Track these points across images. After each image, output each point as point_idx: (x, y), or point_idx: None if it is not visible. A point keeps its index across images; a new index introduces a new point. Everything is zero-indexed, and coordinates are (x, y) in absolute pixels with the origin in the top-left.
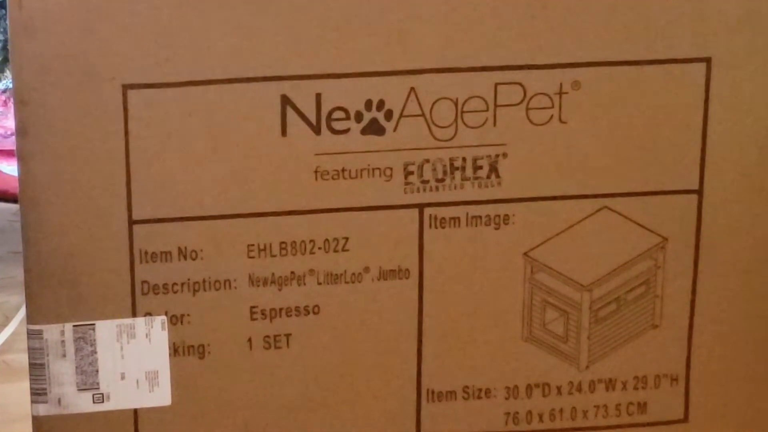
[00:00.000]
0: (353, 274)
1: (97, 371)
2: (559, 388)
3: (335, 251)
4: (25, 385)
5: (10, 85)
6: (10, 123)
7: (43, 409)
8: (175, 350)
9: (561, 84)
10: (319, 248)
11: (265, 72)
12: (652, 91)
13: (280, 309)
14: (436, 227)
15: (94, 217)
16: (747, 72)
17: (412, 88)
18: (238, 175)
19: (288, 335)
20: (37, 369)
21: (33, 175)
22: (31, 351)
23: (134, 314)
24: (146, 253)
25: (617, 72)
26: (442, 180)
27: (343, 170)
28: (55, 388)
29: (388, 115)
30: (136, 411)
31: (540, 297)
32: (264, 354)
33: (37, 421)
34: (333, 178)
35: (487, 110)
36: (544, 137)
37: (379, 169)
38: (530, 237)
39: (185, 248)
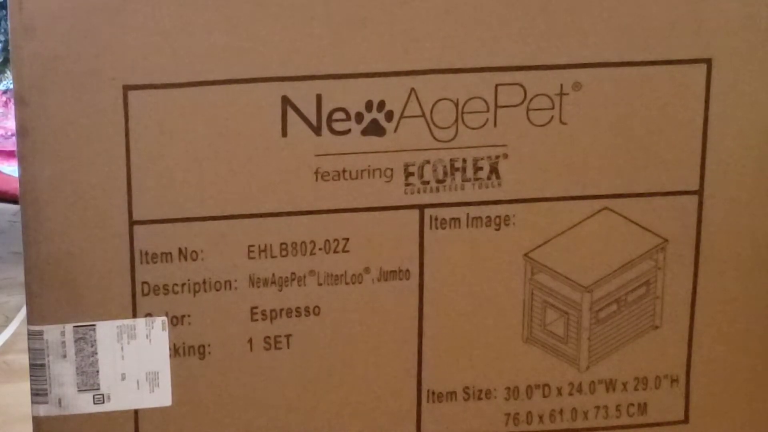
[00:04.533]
0: (354, 274)
1: (98, 372)
2: (559, 389)
3: (336, 252)
4: (25, 386)
5: (11, 86)
6: (11, 123)
7: (43, 410)
8: (175, 351)
9: (561, 85)
10: (320, 249)
11: (265, 72)
12: (652, 92)
13: (281, 309)
14: (436, 228)
15: (95, 218)
16: (747, 73)
17: (413, 89)
18: (239, 175)
19: (288, 336)
20: (37, 370)
21: (33, 176)
22: (32, 352)
23: (135, 315)
24: (146, 253)
25: (618, 73)
26: (443, 181)
27: (344, 171)
28: (55, 389)
29: (389, 115)
30: (136, 412)
31: (540, 298)
32: (264, 354)
33: (37, 421)
34: (333, 179)
35: (487, 111)
36: (544, 138)
37: (379, 169)
38: (531, 238)
39: (186, 249)
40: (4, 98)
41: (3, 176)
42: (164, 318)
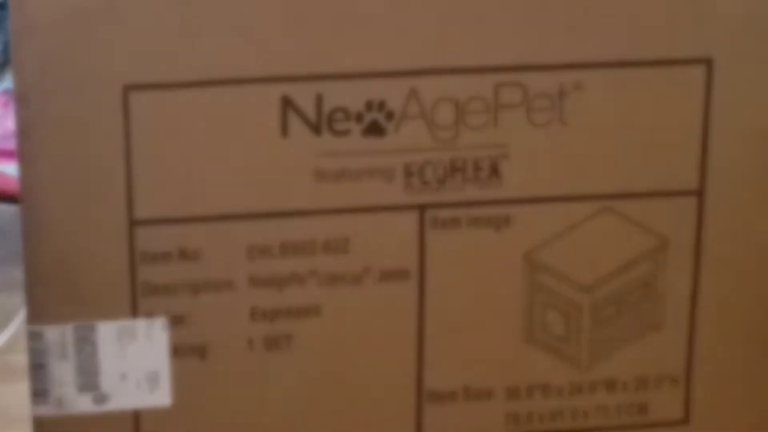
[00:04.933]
0: (354, 275)
1: (98, 372)
2: (559, 389)
3: (336, 252)
4: (25, 386)
5: (11, 86)
6: (11, 123)
7: (43, 410)
8: (175, 351)
9: (562, 85)
10: (320, 249)
11: (265, 72)
12: (652, 92)
13: (281, 310)
14: (436, 228)
15: (95, 218)
16: (748, 73)
17: (413, 89)
18: (239, 176)
19: (289, 336)
20: (37, 370)
21: (33, 175)
22: (32, 352)
23: (135, 315)
24: (147, 253)
25: (618, 73)
26: (443, 181)
27: (344, 171)
28: (55, 389)
29: (389, 115)
30: (136, 411)
31: (541, 298)
32: (265, 355)
33: (37, 422)
34: (333, 179)
35: (488, 111)
36: (545, 138)
37: (379, 170)
38: (531, 238)
39: (186, 249)
40: (4, 98)
41: (3, 176)
42: (164, 318)
